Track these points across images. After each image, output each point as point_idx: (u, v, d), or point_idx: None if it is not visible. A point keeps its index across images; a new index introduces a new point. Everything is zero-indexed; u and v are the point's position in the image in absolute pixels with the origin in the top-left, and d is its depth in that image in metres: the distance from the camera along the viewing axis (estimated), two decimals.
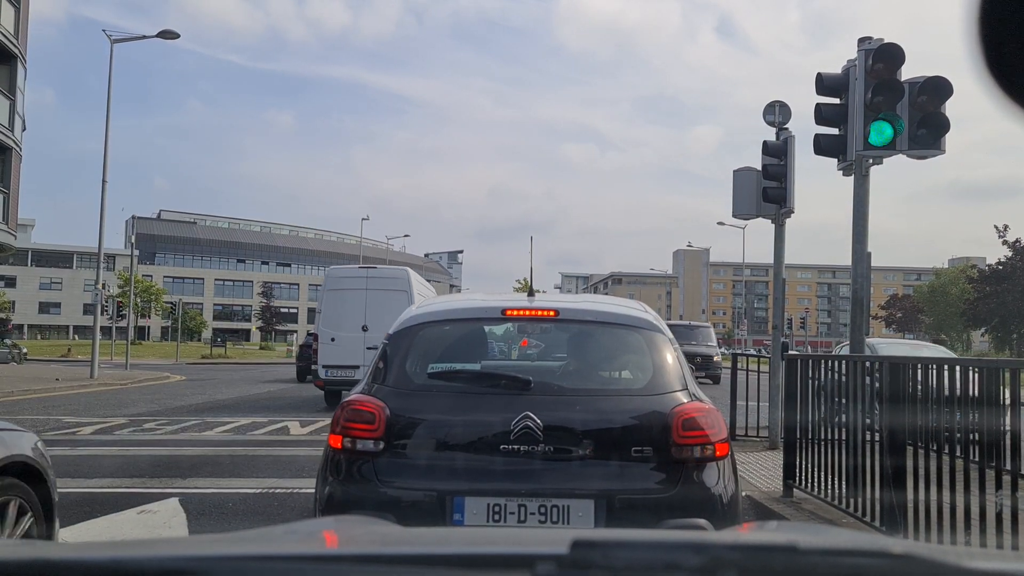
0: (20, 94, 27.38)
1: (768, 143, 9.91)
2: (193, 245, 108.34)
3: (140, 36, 26.57)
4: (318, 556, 1.21)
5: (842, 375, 5.96)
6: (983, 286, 56.51)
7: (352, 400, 3.66)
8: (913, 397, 4.92)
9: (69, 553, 1.22)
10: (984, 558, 1.42)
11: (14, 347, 35.52)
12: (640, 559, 0.98)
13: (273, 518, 6.29)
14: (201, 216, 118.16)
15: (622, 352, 3.99)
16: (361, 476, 3.46)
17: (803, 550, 1.04)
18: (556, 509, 3.31)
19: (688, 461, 3.45)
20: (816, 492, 6.24)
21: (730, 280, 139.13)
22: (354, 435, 3.50)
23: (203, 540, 1.71)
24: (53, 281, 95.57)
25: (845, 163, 7.96)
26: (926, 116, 7.33)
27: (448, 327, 4.20)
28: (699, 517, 2.99)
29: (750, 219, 10.65)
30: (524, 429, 3.37)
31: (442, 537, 1.71)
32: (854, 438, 5.56)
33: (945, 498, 4.45)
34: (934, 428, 4.70)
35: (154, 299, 70.90)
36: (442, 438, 3.54)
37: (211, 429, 12.25)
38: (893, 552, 1.05)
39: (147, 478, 7.96)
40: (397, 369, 3.73)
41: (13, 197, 27.46)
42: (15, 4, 26.55)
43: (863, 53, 7.57)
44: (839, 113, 7.95)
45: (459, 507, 3.33)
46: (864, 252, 7.95)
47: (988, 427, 4.10)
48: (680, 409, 3.51)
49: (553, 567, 0.98)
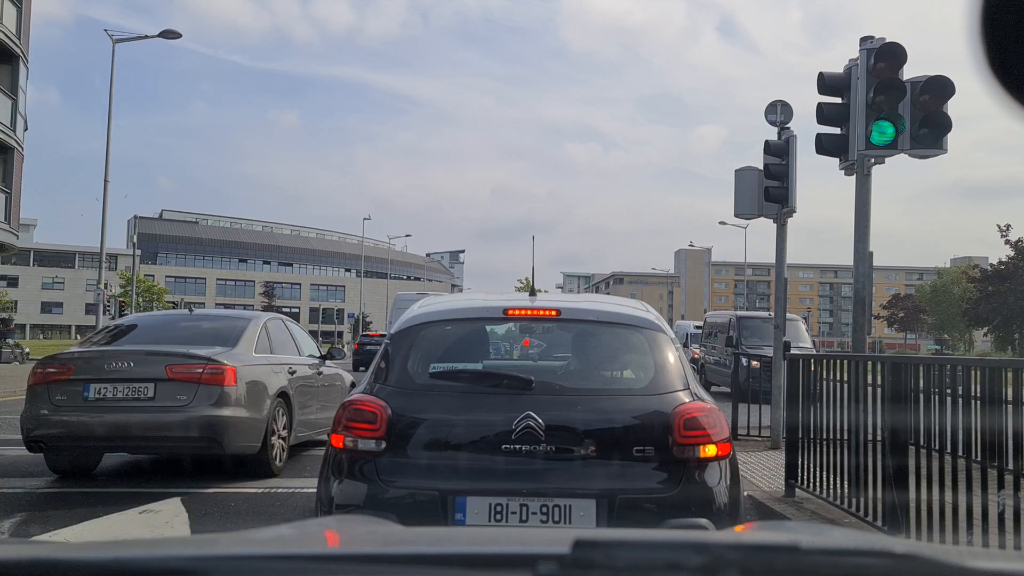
0: (22, 94, 27.42)
1: (770, 142, 9.90)
2: (195, 245, 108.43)
3: (142, 36, 26.61)
4: (320, 556, 1.21)
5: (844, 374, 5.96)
6: (985, 286, 56.39)
7: (354, 400, 3.66)
8: (915, 396, 4.92)
9: (71, 553, 1.21)
10: (986, 558, 1.42)
11: (16, 346, 35.55)
12: (642, 559, 0.99)
13: (275, 518, 6.28)
14: (203, 216, 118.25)
15: (624, 352, 3.98)
16: (363, 475, 3.46)
17: (805, 550, 1.04)
18: (558, 509, 3.31)
19: (690, 460, 3.44)
20: (818, 492, 6.23)
21: (732, 280, 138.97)
22: (356, 434, 3.51)
23: (205, 540, 1.71)
24: (55, 281, 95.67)
25: (847, 163, 7.95)
26: (928, 115, 7.32)
27: (450, 327, 4.20)
28: (701, 517, 3.13)
29: (752, 219, 10.63)
30: (526, 429, 3.37)
31: (444, 537, 1.71)
32: (856, 438, 5.56)
33: (947, 498, 4.45)
34: (936, 427, 4.70)
35: (156, 299, 70.92)
36: (444, 438, 3.55)
37: None
38: (895, 552, 1.05)
39: (149, 477, 7.96)
40: (399, 369, 3.74)
41: (15, 197, 27.49)
42: (17, 4, 26.58)
43: (865, 52, 7.56)
44: (841, 112, 7.94)
45: (461, 507, 3.33)
46: (866, 251, 7.94)
47: (990, 427, 4.10)
48: (682, 409, 3.51)
49: (555, 567, 0.98)
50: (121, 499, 6.79)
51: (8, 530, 5.84)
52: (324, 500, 3.58)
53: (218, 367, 7.18)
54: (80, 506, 6.53)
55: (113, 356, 7.37)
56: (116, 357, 7.33)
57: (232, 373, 7.24)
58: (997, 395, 4.11)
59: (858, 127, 7.57)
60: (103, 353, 7.53)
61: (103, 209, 25.96)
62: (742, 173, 10.31)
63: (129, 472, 8.26)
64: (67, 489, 7.32)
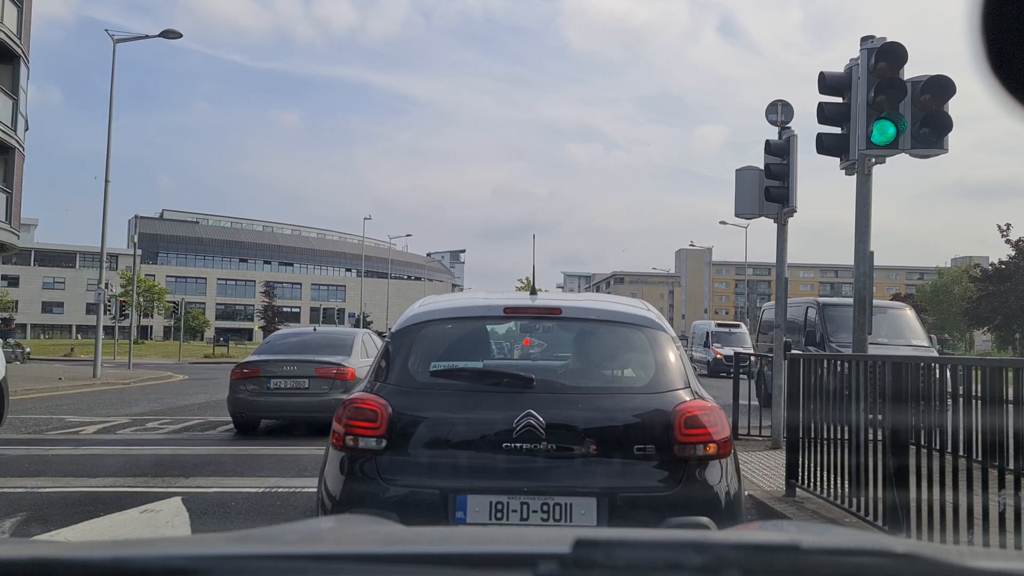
0: (23, 94, 27.40)
1: (771, 142, 9.89)
2: (196, 244, 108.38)
3: (143, 36, 26.55)
4: (320, 555, 1.20)
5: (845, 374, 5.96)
6: (986, 285, 56.36)
7: (354, 398, 3.67)
8: (916, 396, 4.92)
9: (72, 552, 1.21)
10: (987, 557, 1.42)
11: (17, 346, 35.57)
12: (642, 558, 0.98)
13: (275, 518, 6.28)
14: (204, 216, 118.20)
15: (625, 350, 3.98)
16: (364, 474, 3.47)
17: (805, 549, 1.04)
18: (559, 507, 3.31)
19: (690, 459, 3.44)
20: (819, 491, 6.23)
21: (732, 279, 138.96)
22: (357, 433, 3.50)
23: (206, 539, 1.71)
24: (56, 280, 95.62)
25: (848, 162, 7.94)
26: (929, 115, 7.31)
27: (450, 325, 4.19)
28: (701, 515, 3.15)
29: (753, 218, 10.63)
30: (527, 427, 3.37)
31: (444, 536, 1.70)
32: (857, 437, 5.56)
33: (948, 497, 4.45)
34: (937, 427, 4.70)
35: (157, 298, 71.02)
36: (444, 436, 3.55)
37: (214, 428, 12.27)
38: (896, 551, 1.05)
39: (150, 477, 7.97)
40: (399, 367, 3.74)
41: (16, 197, 27.48)
42: (18, 4, 26.57)
43: (866, 52, 7.55)
44: (842, 112, 7.93)
45: (462, 505, 3.33)
46: (867, 251, 7.93)
47: (991, 426, 4.09)
48: (683, 407, 3.51)
49: (555, 566, 0.98)
50: (122, 499, 6.80)
51: (9, 529, 5.84)
52: (325, 498, 3.57)
53: (344, 369, 11.19)
54: (81, 506, 6.54)
55: (282, 362, 11.36)
56: (284, 363, 11.32)
57: (352, 372, 11.07)
58: (998, 395, 4.10)
59: (859, 127, 7.56)
60: (275, 360, 11.49)
61: (104, 209, 25.93)
62: (743, 173, 10.30)
63: (130, 472, 8.27)
64: (68, 489, 7.32)
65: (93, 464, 8.70)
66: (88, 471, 8.24)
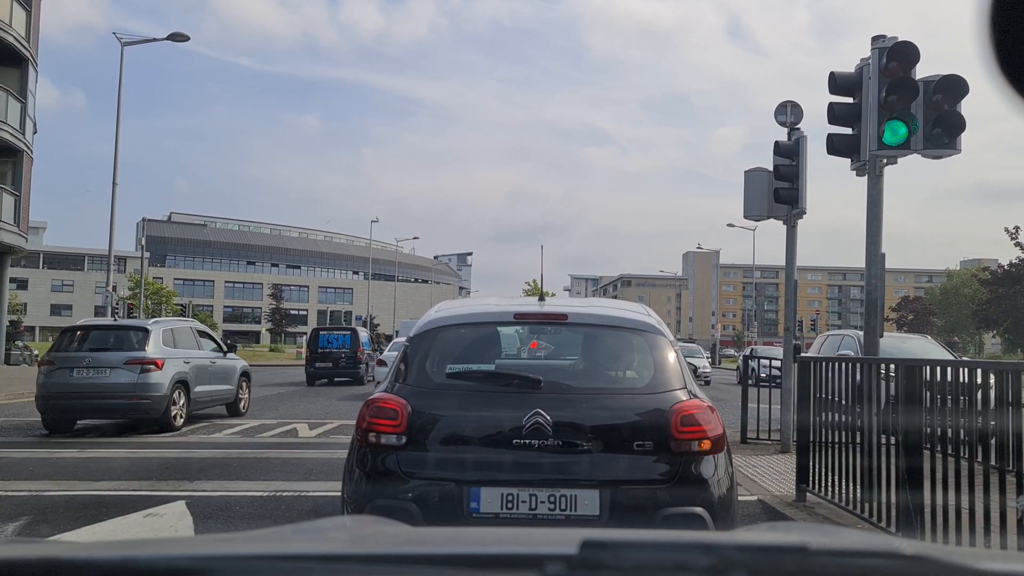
0: (31, 97, 27.55)
1: (780, 143, 9.83)
2: (203, 247, 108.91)
3: (150, 39, 26.56)
4: (327, 555, 1.20)
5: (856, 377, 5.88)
6: (995, 287, 56.11)
7: (377, 398, 3.95)
8: (930, 399, 4.85)
9: (80, 552, 1.23)
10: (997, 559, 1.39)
11: (24, 349, 35.68)
12: (650, 559, 1.00)
13: (280, 522, 6.23)
14: (211, 218, 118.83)
15: (626, 353, 4.26)
16: (385, 468, 3.75)
17: (813, 551, 1.04)
18: (564, 498, 3.58)
19: (686, 454, 3.71)
20: (830, 496, 6.16)
21: (740, 282, 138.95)
22: (379, 430, 3.79)
23: (213, 539, 1.74)
24: (64, 283, 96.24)
25: (859, 163, 7.88)
26: (941, 115, 7.24)
27: (464, 330, 4.45)
28: (696, 506, 3.60)
29: (761, 220, 10.57)
30: (535, 425, 3.64)
31: (452, 537, 1.70)
32: (868, 441, 5.49)
33: (964, 502, 4.38)
34: (951, 431, 4.62)
35: (164, 301, 71.21)
36: (459, 433, 3.80)
37: (220, 431, 12.26)
38: (904, 553, 1.05)
39: (154, 481, 7.94)
40: (418, 369, 4.03)
41: (24, 200, 27.62)
42: (26, 8, 26.70)
43: (877, 52, 7.48)
44: (852, 112, 7.86)
45: (475, 496, 3.61)
46: (878, 253, 7.86)
47: (1004, 430, 4.02)
48: (679, 406, 3.77)
49: (563, 567, 0.99)
50: (125, 502, 6.78)
51: (13, 533, 5.82)
52: (349, 490, 3.88)
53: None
54: (85, 509, 6.52)
55: None
56: None
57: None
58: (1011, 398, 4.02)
59: (870, 127, 7.49)
60: None
61: (112, 212, 26.01)
62: (752, 174, 10.24)
63: (135, 475, 8.24)
64: (72, 492, 7.30)
65: (98, 467, 8.69)
66: (93, 474, 8.23)
